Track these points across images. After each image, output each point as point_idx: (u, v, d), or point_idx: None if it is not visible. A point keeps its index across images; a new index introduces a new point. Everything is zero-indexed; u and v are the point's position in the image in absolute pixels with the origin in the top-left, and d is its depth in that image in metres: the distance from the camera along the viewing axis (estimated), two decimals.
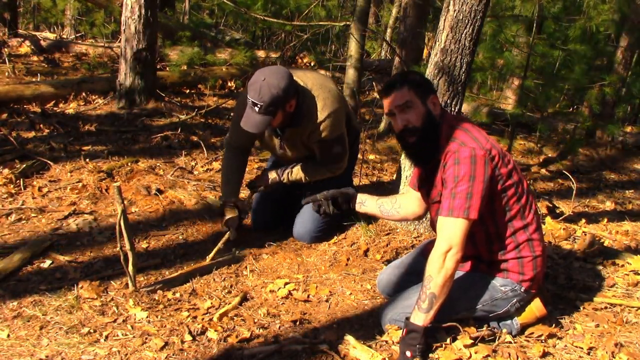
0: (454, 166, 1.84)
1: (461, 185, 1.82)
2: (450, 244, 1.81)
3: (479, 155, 1.83)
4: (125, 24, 4.62)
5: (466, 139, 1.88)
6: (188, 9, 8.65)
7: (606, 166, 5.53)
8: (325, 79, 2.73)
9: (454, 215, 1.83)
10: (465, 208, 1.81)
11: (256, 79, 2.41)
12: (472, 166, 1.82)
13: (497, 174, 1.88)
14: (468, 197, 1.81)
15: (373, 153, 4.58)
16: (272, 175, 2.84)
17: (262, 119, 2.43)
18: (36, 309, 2.09)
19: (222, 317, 2.14)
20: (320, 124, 2.56)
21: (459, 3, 2.60)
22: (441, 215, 1.86)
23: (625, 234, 3.30)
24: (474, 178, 1.82)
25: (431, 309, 1.81)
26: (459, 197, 1.82)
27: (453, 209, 1.82)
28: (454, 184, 1.83)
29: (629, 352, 1.99)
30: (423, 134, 1.93)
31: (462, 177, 1.82)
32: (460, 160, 1.83)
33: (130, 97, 4.76)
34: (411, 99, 1.92)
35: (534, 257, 1.99)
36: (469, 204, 1.81)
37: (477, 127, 1.98)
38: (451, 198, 1.83)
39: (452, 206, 1.83)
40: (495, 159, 1.87)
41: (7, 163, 3.37)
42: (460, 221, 1.82)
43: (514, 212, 1.95)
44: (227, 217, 2.77)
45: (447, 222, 1.84)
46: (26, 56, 6.32)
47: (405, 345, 1.83)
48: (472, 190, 1.81)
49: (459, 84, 2.72)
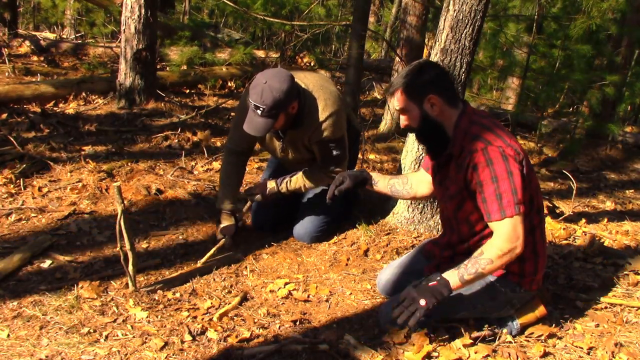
0: (488, 167, 1.82)
1: (502, 183, 1.81)
2: (515, 243, 1.81)
3: (509, 152, 1.83)
4: (125, 24, 4.62)
5: (491, 137, 1.86)
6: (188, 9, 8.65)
7: (606, 166, 5.53)
8: (326, 80, 2.72)
9: (507, 215, 1.81)
10: (515, 204, 1.81)
11: (258, 82, 2.40)
12: (505, 163, 1.81)
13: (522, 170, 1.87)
14: (514, 193, 1.81)
15: (373, 153, 4.58)
16: (271, 185, 2.80)
17: (265, 122, 2.42)
18: (36, 309, 2.09)
19: (222, 317, 2.14)
20: (322, 124, 2.56)
21: (459, 3, 2.60)
22: (494, 220, 1.84)
23: (626, 234, 3.30)
24: (512, 173, 1.81)
25: (469, 283, 1.84)
26: (506, 196, 1.81)
27: (504, 209, 1.81)
28: (496, 185, 1.82)
29: (629, 352, 1.99)
30: (421, 134, 1.99)
31: (500, 175, 1.81)
32: (493, 160, 1.81)
33: (130, 97, 4.76)
34: (405, 105, 1.94)
35: (535, 258, 1.99)
36: (516, 200, 1.81)
37: (498, 123, 1.96)
38: (498, 199, 1.82)
39: (502, 207, 1.81)
40: (521, 156, 1.87)
41: (7, 163, 3.37)
42: (515, 219, 1.81)
43: (525, 214, 1.94)
44: (223, 225, 2.75)
45: (503, 225, 1.82)
46: (26, 56, 6.32)
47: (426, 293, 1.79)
48: (514, 186, 1.81)
49: (459, 83, 2.72)
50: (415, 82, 1.93)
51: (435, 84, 1.93)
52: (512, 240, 1.81)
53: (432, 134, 1.97)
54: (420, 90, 1.92)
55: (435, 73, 1.95)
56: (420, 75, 1.93)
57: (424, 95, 1.93)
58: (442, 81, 1.95)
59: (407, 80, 1.93)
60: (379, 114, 5.57)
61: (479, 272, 1.82)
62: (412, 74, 1.93)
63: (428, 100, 1.93)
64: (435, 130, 1.95)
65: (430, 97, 1.93)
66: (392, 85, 1.97)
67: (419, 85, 1.92)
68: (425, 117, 1.94)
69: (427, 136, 1.99)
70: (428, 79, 1.92)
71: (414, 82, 1.93)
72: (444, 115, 1.95)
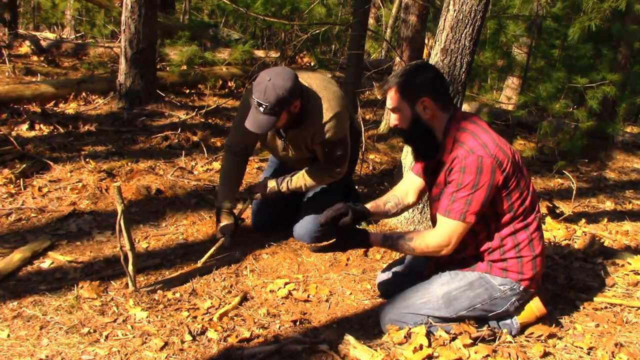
0: (459, 173, 1.85)
1: (462, 192, 1.85)
2: (444, 244, 1.91)
3: (486, 164, 1.83)
4: (125, 23, 4.62)
5: (474, 144, 1.86)
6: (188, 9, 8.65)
7: (606, 166, 5.53)
8: (329, 81, 2.72)
9: (450, 216, 1.88)
10: (463, 212, 1.86)
11: (261, 79, 2.40)
12: (477, 176, 1.83)
13: (504, 179, 1.87)
14: (467, 203, 1.85)
15: (373, 153, 4.58)
16: (271, 184, 2.81)
17: (267, 119, 2.42)
18: (36, 309, 2.09)
19: (222, 317, 2.14)
20: (325, 125, 2.56)
21: (459, 3, 2.60)
22: (439, 213, 1.92)
23: (625, 234, 3.30)
24: (477, 187, 1.84)
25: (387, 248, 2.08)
26: (458, 202, 1.86)
27: (450, 210, 1.88)
28: (456, 189, 1.86)
29: (629, 352, 1.99)
30: (409, 136, 1.99)
31: (466, 185, 1.84)
32: (467, 169, 1.83)
33: (130, 97, 4.75)
34: (397, 104, 1.94)
35: (534, 257, 1.99)
36: (466, 209, 1.86)
37: (487, 128, 1.95)
38: (450, 200, 1.88)
39: (450, 208, 1.88)
40: (503, 165, 1.86)
41: (7, 163, 3.37)
42: (456, 223, 1.88)
43: (518, 213, 1.95)
44: (222, 224, 2.75)
45: (443, 221, 1.91)
46: (26, 56, 6.32)
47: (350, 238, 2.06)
48: (472, 198, 1.85)
49: (459, 83, 2.72)
50: (410, 82, 1.92)
51: (430, 87, 1.92)
52: (442, 242, 1.91)
53: (420, 137, 1.97)
54: (414, 91, 1.91)
55: (433, 75, 1.95)
56: (416, 76, 1.92)
57: (417, 96, 1.91)
58: (438, 85, 1.95)
59: (403, 79, 1.92)
60: (379, 114, 5.57)
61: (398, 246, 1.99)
62: (408, 74, 1.93)
63: (421, 102, 1.92)
64: (424, 133, 1.96)
65: (424, 100, 1.91)
66: (387, 83, 1.96)
67: (414, 85, 1.92)
68: (416, 119, 1.93)
69: (415, 138, 1.99)
70: (424, 81, 1.92)
71: (409, 82, 1.92)
72: (435, 119, 1.94)
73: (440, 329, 2.01)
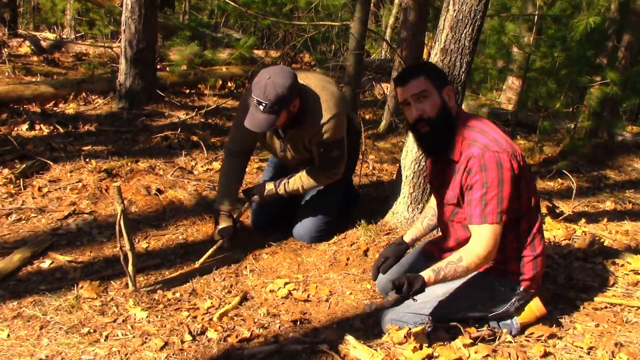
0: (482, 172, 1.83)
1: (491, 191, 1.83)
2: (490, 249, 1.86)
3: (504, 159, 1.83)
4: (126, 23, 4.62)
5: (487, 141, 1.86)
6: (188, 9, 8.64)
7: (606, 166, 5.52)
8: (328, 81, 2.72)
9: (488, 221, 1.84)
10: (498, 212, 1.84)
11: (261, 77, 2.39)
12: (499, 170, 1.82)
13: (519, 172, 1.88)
14: (499, 202, 1.83)
15: (373, 153, 4.58)
16: (269, 186, 2.80)
17: (267, 118, 2.41)
18: (36, 309, 2.09)
19: (222, 317, 2.14)
20: (323, 126, 2.56)
21: (458, 3, 2.60)
22: (475, 224, 1.87)
23: (625, 234, 3.30)
24: (503, 182, 1.83)
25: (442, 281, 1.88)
26: (491, 204, 1.83)
27: (486, 215, 1.84)
28: (484, 191, 1.84)
29: (629, 351, 1.99)
30: (437, 124, 1.91)
31: (491, 183, 1.83)
32: (488, 166, 1.83)
33: (130, 97, 4.75)
34: (427, 88, 1.90)
35: (535, 257, 1.99)
36: (501, 209, 1.84)
37: (492, 125, 1.96)
38: (482, 205, 1.84)
39: (485, 213, 1.84)
40: (517, 157, 1.88)
41: (7, 163, 3.37)
42: (495, 226, 1.85)
43: (523, 212, 1.95)
44: (221, 226, 2.74)
45: (483, 229, 1.86)
46: (26, 56, 6.32)
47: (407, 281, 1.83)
48: (502, 195, 1.83)
49: (459, 83, 2.72)
50: (436, 71, 1.96)
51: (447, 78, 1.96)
52: (488, 247, 1.85)
53: (445, 127, 1.92)
54: (442, 79, 1.94)
55: None
56: (434, 66, 1.98)
57: (443, 84, 1.93)
58: None
59: (428, 68, 1.95)
60: (378, 114, 5.57)
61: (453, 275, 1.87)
62: (430, 65, 1.97)
63: (446, 92, 1.94)
64: (450, 122, 1.92)
65: (448, 88, 1.94)
66: (408, 73, 1.92)
67: (441, 74, 1.96)
68: (444, 106, 1.91)
69: (442, 127, 1.92)
70: (443, 72, 1.95)
71: (436, 71, 1.95)
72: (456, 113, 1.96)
73: (440, 328, 2.01)
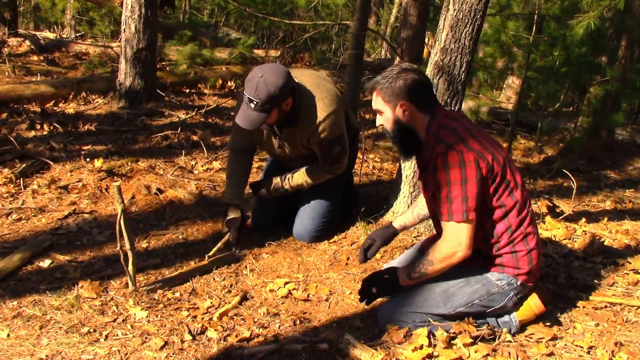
0: (444, 170, 1.87)
1: (455, 189, 1.86)
2: (456, 247, 1.89)
3: (468, 158, 1.85)
4: (126, 23, 4.62)
5: (453, 140, 1.89)
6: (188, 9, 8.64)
7: (606, 165, 5.52)
8: (323, 79, 2.72)
9: (454, 219, 1.88)
10: (464, 211, 1.86)
11: (254, 75, 2.39)
12: (462, 170, 1.85)
13: (488, 171, 1.88)
14: (464, 200, 1.86)
15: (373, 152, 4.58)
16: (276, 180, 2.84)
17: (257, 116, 2.42)
18: (36, 308, 2.09)
19: (222, 316, 2.14)
20: (320, 125, 2.56)
21: (458, 2, 2.60)
22: (442, 220, 1.92)
23: (626, 233, 3.30)
24: (466, 181, 1.85)
25: (416, 280, 2.01)
26: (456, 202, 1.86)
27: (452, 213, 1.88)
28: (448, 189, 1.87)
29: (629, 351, 1.98)
30: (394, 136, 2.03)
31: (454, 181, 1.86)
32: (450, 164, 1.85)
33: (130, 97, 4.75)
34: (379, 107, 2.01)
35: (528, 251, 2.00)
36: (466, 207, 1.86)
37: (467, 124, 1.98)
38: (448, 203, 1.88)
39: (450, 210, 1.88)
40: (486, 158, 1.88)
41: (7, 163, 3.37)
42: (460, 225, 1.88)
43: (509, 208, 1.96)
44: (229, 217, 2.75)
45: (449, 226, 1.90)
46: (26, 56, 6.31)
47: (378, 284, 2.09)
48: (466, 194, 1.85)
49: (458, 83, 2.72)
50: (390, 86, 1.96)
51: (410, 91, 1.95)
52: (453, 245, 1.90)
53: (404, 137, 2.02)
54: (394, 95, 1.96)
55: (412, 80, 1.96)
56: (396, 80, 1.96)
57: (396, 100, 1.97)
58: (418, 89, 1.97)
59: (384, 83, 1.98)
60: None
61: (422, 272, 1.97)
62: (390, 78, 1.97)
63: (400, 106, 1.97)
64: (406, 133, 2.01)
65: (402, 104, 1.96)
66: (372, 83, 2.02)
67: (394, 90, 1.96)
68: (397, 121, 1.99)
69: (398, 138, 2.04)
70: (403, 85, 1.95)
71: (389, 86, 1.96)
72: (416, 119, 1.99)
73: (440, 327, 2.01)
